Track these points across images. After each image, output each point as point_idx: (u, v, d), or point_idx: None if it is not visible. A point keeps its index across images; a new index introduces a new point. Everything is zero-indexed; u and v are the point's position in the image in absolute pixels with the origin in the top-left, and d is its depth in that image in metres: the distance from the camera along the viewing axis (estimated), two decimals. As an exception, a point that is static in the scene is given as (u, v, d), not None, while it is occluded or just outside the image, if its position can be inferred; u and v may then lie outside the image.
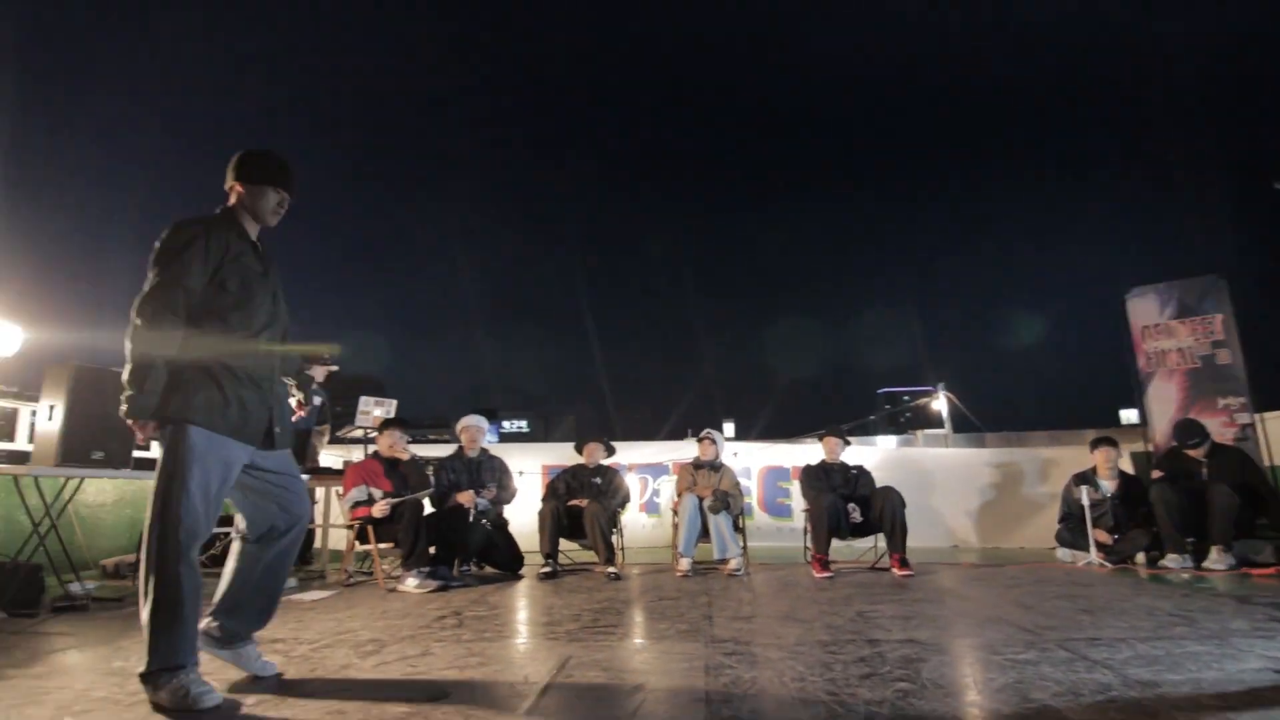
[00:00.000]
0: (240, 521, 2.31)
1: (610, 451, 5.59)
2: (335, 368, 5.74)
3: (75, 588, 3.79)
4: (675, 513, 5.30)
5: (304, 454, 5.38)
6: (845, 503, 4.87)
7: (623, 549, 5.19)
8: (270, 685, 2.18)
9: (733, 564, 4.74)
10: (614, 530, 5.01)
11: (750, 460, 6.96)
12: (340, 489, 5.12)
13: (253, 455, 2.21)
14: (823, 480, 5.13)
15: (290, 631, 3.02)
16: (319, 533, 5.47)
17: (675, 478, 6.67)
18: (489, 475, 5.18)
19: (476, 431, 5.35)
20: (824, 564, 4.59)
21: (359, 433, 5.90)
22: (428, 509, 4.63)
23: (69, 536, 4.22)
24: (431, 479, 4.95)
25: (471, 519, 4.79)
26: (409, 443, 5.10)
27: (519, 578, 4.76)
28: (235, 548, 2.30)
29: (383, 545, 4.50)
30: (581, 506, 5.01)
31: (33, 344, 3.48)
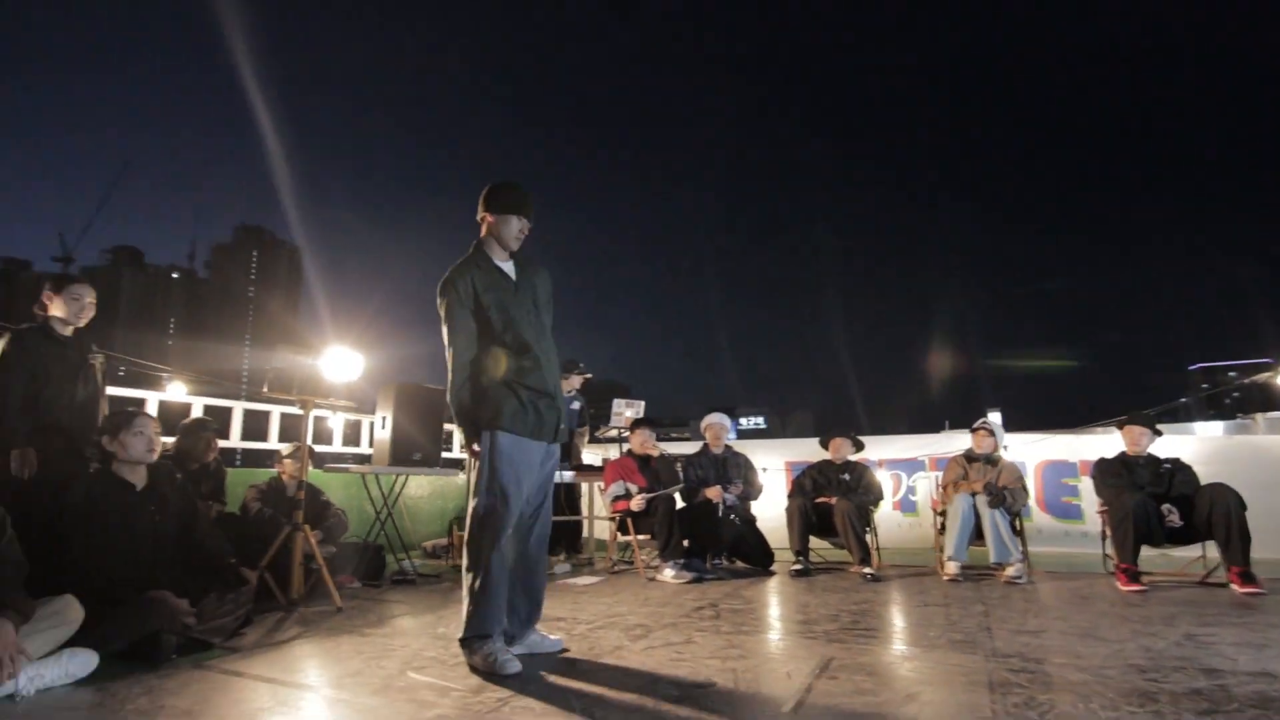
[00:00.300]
0: None
1: (858, 446, 5.35)
2: (589, 375, 6.27)
3: (406, 565, 4.62)
4: (937, 511, 4.91)
5: (569, 453, 5.94)
6: (1157, 503, 4.10)
7: (878, 549, 4.94)
8: (555, 661, 2.46)
9: (1011, 570, 4.25)
10: (867, 528, 4.79)
11: (1024, 454, 6.18)
12: (601, 484, 5.57)
13: (546, 451, 2.52)
14: (1124, 476, 4.36)
15: (569, 611, 3.37)
16: (585, 523, 6.02)
17: (932, 474, 6.18)
18: (735, 471, 5.26)
19: (720, 429, 5.47)
20: (1132, 575, 3.90)
21: (614, 432, 6.37)
22: (679, 503, 4.84)
23: (400, 523, 5.15)
24: (680, 475, 5.18)
25: (720, 514, 4.92)
26: (657, 440, 5.39)
27: (770, 573, 4.76)
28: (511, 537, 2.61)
29: (641, 536, 4.81)
30: (830, 503, 4.87)
31: (369, 367, 4.37)
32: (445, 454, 4.66)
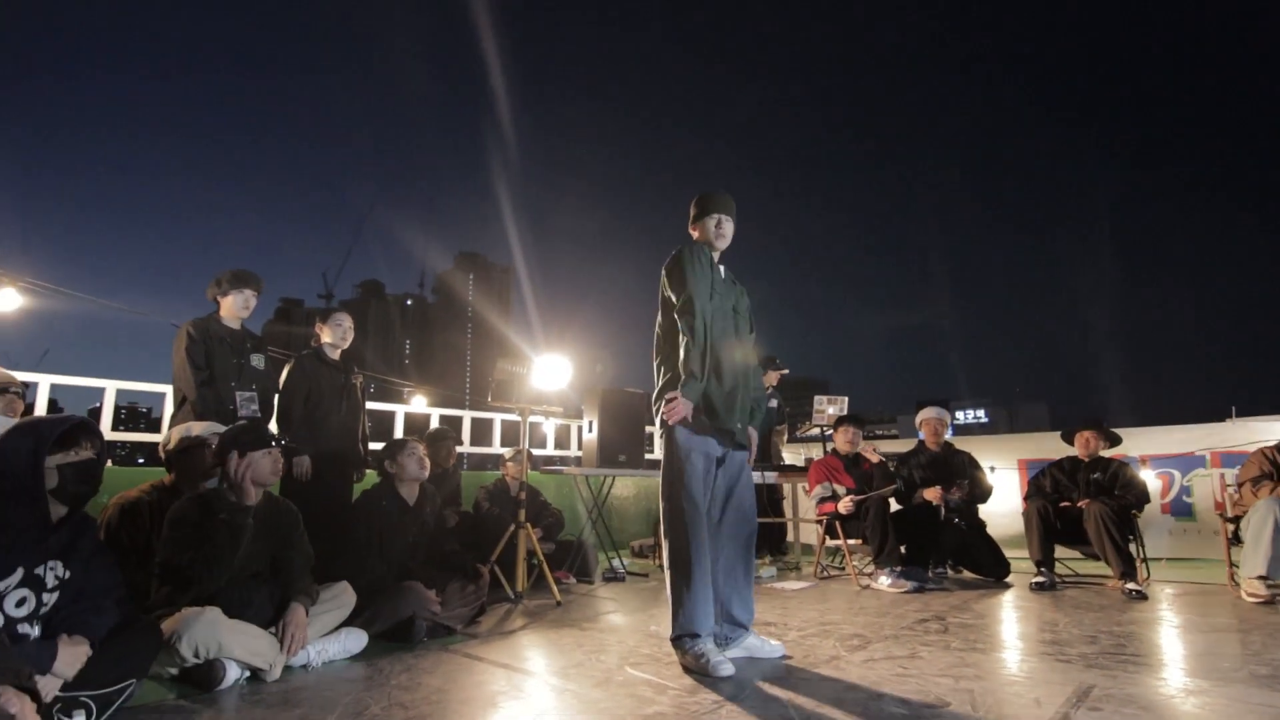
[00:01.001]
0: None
1: (1112, 440, 4.66)
2: (786, 370, 6.15)
3: (616, 563, 4.86)
4: (1226, 517, 4.11)
5: (768, 453, 5.88)
6: None
7: (1144, 560, 4.26)
8: (769, 668, 2.43)
9: (1337, 593, 3.44)
10: (1129, 537, 4.14)
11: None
12: (805, 485, 5.43)
13: (726, 450, 2.54)
14: None
15: (778, 616, 3.32)
16: (789, 526, 5.90)
17: (1215, 472, 5.19)
18: (957, 470, 4.85)
19: (938, 424, 5.08)
20: None
21: (814, 430, 6.18)
22: (894, 506, 4.55)
23: (609, 521, 5.45)
24: (893, 476, 4.88)
25: (942, 517, 4.55)
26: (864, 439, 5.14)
27: (1005, 585, 4.32)
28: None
29: (851, 541, 4.60)
30: (1081, 507, 4.29)
31: (576, 373, 4.71)
32: (647, 455, 4.83)
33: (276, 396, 3.65)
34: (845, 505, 4.53)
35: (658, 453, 2.67)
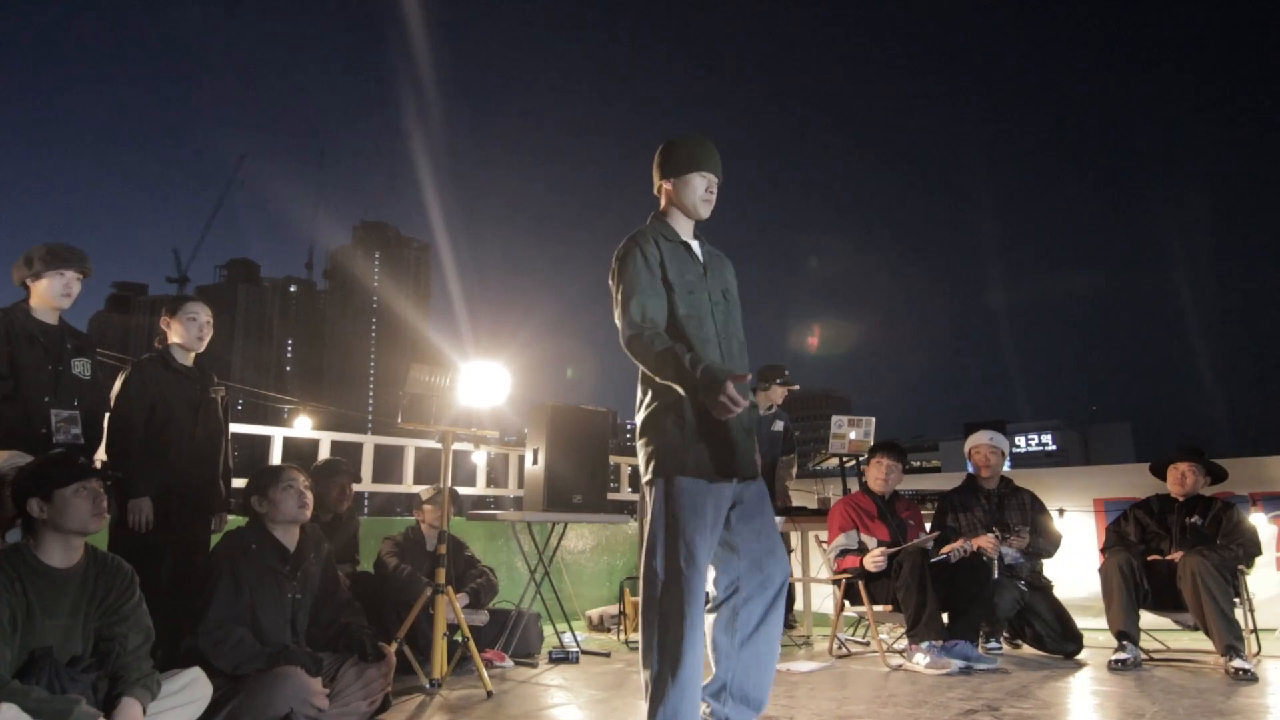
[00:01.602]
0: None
1: (1217, 475, 4.79)
2: (796, 385, 6.21)
3: (567, 639, 4.85)
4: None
5: (771, 491, 5.92)
6: None
7: (1255, 631, 4.38)
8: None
9: None
10: (1236, 599, 4.26)
11: None
12: (820, 535, 5.48)
13: (733, 492, 2.57)
14: None
15: (782, 708, 3.35)
16: (799, 588, 5.95)
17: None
18: (1016, 514, 4.93)
19: (992, 453, 5.16)
20: None
21: (833, 461, 6.24)
22: (937, 559, 4.60)
23: (559, 584, 5.44)
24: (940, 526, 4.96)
25: (996, 575, 4.63)
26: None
27: (1077, 664, 4.42)
28: (709, 618, 2.62)
29: (879, 607, 4.66)
30: (1173, 560, 4.39)
31: (516, 386, 4.65)
32: (612, 495, 4.83)
33: (107, 416, 3.58)
34: (874, 560, 4.55)
35: (627, 491, 2.69)
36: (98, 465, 3.40)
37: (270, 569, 3.15)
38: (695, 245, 2.75)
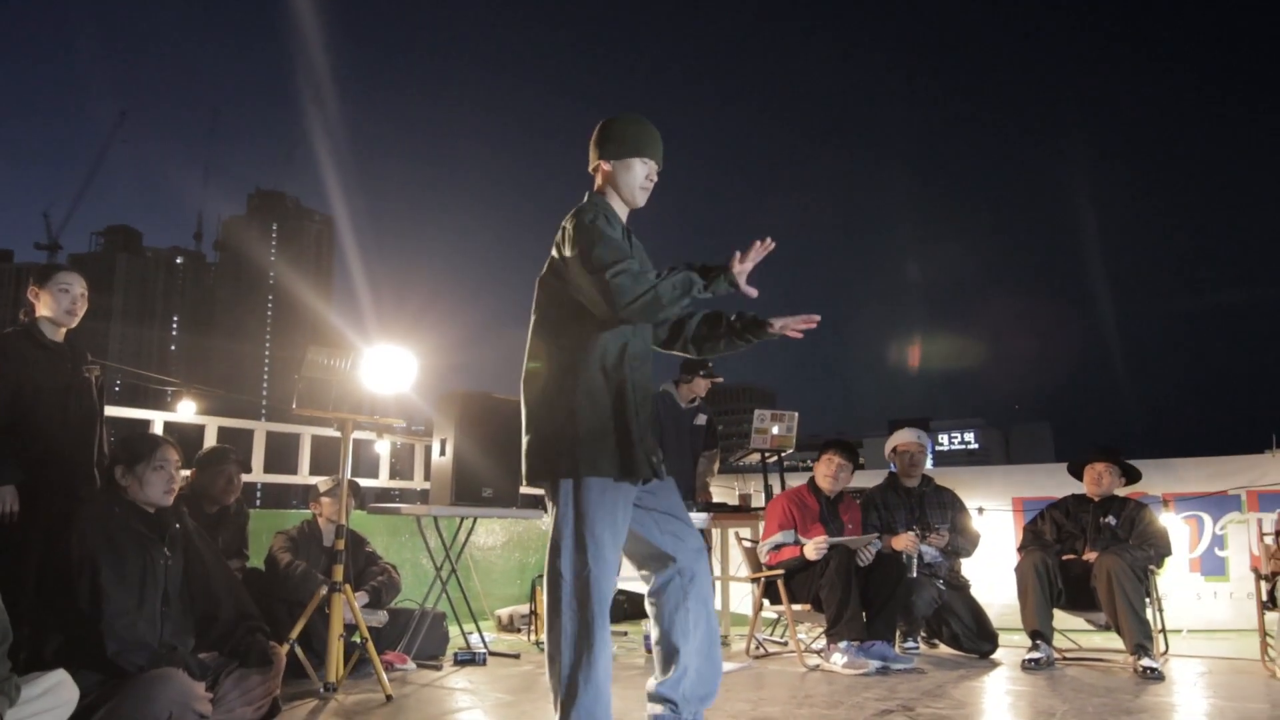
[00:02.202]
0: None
1: (1131, 476, 5.04)
2: (719, 378, 6.28)
3: (474, 639, 4.82)
4: (1263, 576, 4.53)
5: (692, 487, 5.99)
6: None
7: (1163, 630, 4.63)
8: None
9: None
10: (1146, 599, 4.50)
11: None
12: (742, 531, 5.57)
13: (640, 488, 2.58)
14: None
15: (697, 711, 3.39)
16: (718, 587, 6.03)
17: (1252, 516, 5.71)
18: (937, 513, 5.10)
19: (918, 451, 5.32)
20: None
21: (754, 457, 6.35)
22: (864, 560, 4.67)
23: (467, 583, 5.40)
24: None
25: (914, 573, 4.78)
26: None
27: (992, 664, 4.60)
28: (650, 610, 2.66)
29: (798, 607, 4.76)
30: (1088, 560, 4.61)
31: (424, 371, 4.57)
32: (524, 489, 4.81)
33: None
34: (816, 547, 4.57)
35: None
36: None
37: (134, 530, 2.98)
38: (631, 234, 2.75)
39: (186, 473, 4.27)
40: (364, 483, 6.61)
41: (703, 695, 2.58)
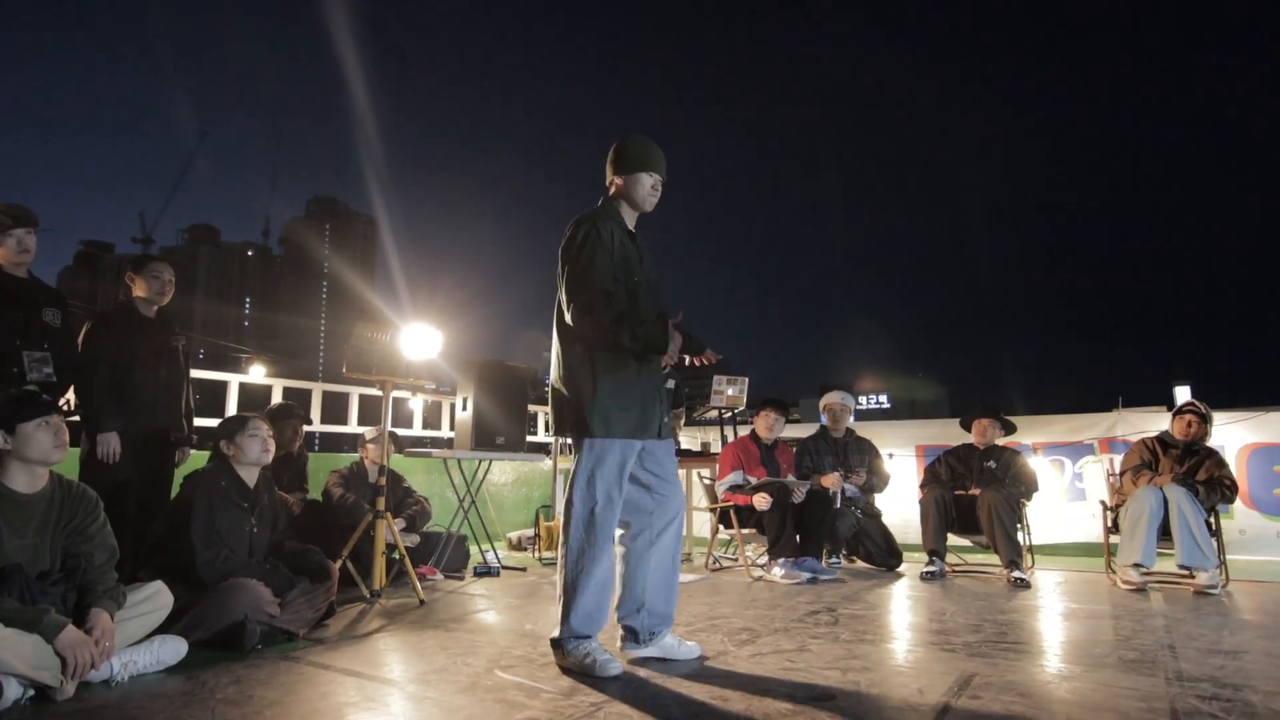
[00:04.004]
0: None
1: (1008, 429, 5.10)
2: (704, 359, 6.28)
3: (490, 556, 4.83)
4: (1109, 506, 4.61)
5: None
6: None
7: (1030, 549, 4.72)
8: (652, 665, 2.50)
9: (1203, 578, 3.96)
10: (1018, 525, 4.57)
11: (1223, 437, 5.70)
12: (703, 473, 5.61)
13: (644, 446, 2.58)
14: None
15: (666, 612, 3.42)
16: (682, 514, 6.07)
17: (1104, 457, 5.80)
18: (857, 458, 5.16)
19: (842, 409, 5.36)
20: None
21: (713, 413, 6.36)
22: (798, 497, 4.72)
23: (483, 512, 5.39)
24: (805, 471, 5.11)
25: (838, 505, 4.84)
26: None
27: (897, 575, 4.66)
28: (619, 550, 2.65)
29: (746, 530, 4.80)
30: (974, 495, 4.68)
31: (449, 344, 4.57)
32: (530, 438, 4.81)
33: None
34: (761, 501, 4.62)
35: (543, 435, 2.67)
36: (63, 405, 3.19)
37: (234, 503, 3.04)
38: (636, 235, 2.71)
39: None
40: (401, 432, 6.56)
41: (653, 626, 2.58)
